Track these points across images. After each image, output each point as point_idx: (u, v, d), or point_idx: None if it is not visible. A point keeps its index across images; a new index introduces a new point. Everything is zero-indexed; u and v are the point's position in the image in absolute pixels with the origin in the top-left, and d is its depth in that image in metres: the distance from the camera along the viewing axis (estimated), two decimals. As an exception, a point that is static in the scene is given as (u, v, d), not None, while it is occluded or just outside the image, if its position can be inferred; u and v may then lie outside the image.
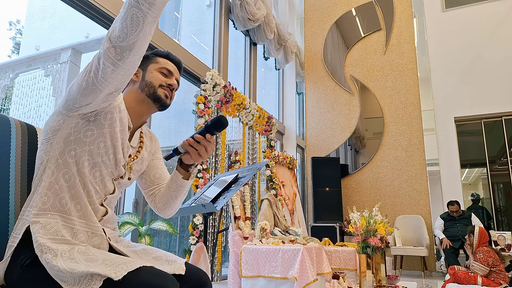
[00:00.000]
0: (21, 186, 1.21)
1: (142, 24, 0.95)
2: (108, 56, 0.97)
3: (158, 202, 1.37)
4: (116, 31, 0.96)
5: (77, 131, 1.13)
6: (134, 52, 0.98)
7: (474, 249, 3.90)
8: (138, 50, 0.99)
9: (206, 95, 3.99)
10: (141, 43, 0.98)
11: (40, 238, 1.03)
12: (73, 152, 1.12)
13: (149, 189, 1.39)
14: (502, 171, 6.05)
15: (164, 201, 1.35)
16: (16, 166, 1.21)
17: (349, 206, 6.20)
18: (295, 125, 7.01)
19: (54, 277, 0.97)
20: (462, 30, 6.45)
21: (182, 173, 1.31)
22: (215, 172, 4.03)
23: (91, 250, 1.07)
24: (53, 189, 1.10)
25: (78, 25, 7.81)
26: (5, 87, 4.65)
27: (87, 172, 1.14)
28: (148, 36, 0.99)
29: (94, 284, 0.94)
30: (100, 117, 1.15)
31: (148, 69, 1.29)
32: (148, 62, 1.30)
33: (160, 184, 1.41)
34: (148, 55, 1.32)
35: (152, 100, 1.27)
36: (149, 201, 1.40)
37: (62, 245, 1.05)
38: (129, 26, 0.94)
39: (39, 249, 1.01)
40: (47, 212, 1.08)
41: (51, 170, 1.11)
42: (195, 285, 1.20)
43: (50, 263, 0.98)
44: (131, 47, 0.97)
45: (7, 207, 1.17)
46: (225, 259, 4.18)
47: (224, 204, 1.62)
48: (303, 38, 7.72)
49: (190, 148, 1.23)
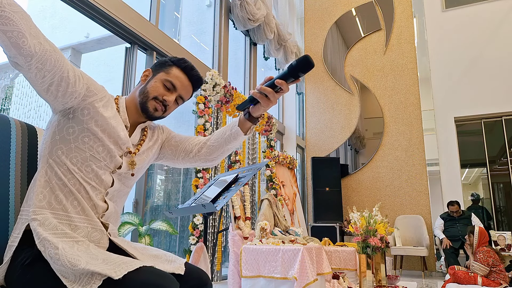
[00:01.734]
0: (21, 186, 1.21)
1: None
2: None
3: (212, 154, 1.35)
4: None
5: (60, 129, 1.14)
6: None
7: (474, 249, 3.90)
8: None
9: (206, 95, 3.99)
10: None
11: (42, 233, 1.03)
12: (60, 151, 1.13)
13: (180, 152, 1.37)
14: (502, 171, 6.05)
15: (219, 152, 1.34)
16: (16, 166, 1.21)
17: (349, 206, 6.20)
18: (295, 125, 7.01)
19: (56, 272, 0.97)
20: (462, 30, 6.45)
21: (246, 128, 1.26)
22: (215, 172, 4.03)
23: (91, 250, 1.07)
24: (48, 188, 1.11)
25: (78, 25, 7.81)
26: (5, 87, 4.65)
27: (77, 169, 1.13)
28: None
29: (94, 283, 0.94)
30: (77, 114, 1.15)
31: (156, 76, 1.27)
32: (161, 70, 1.27)
33: (186, 142, 1.38)
34: (168, 62, 1.29)
35: (140, 109, 1.26)
36: (187, 159, 1.37)
37: (64, 238, 1.06)
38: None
39: (42, 244, 1.01)
40: (44, 209, 1.08)
41: (44, 170, 1.12)
42: (195, 285, 1.20)
43: (53, 256, 0.98)
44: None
45: (7, 206, 1.17)
46: (225, 259, 4.18)
47: (224, 204, 1.62)
48: (303, 38, 7.72)
49: (262, 96, 1.15)
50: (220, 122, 4.31)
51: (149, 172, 4.82)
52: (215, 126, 4.21)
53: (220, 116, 4.34)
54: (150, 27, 3.57)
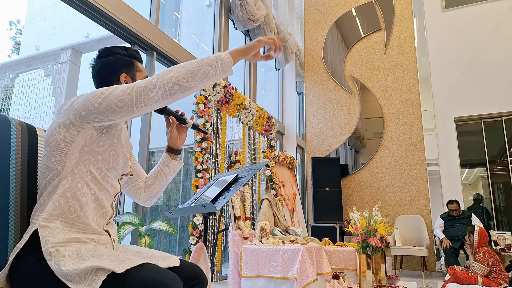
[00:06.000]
0: (21, 186, 1.21)
1: (208, 79, 1.13)
2: (165, 88, 1.09)
3: (149, 193, 1.48)
4: (182, 73, 1.10)
5: (91, 142, 1.19)
6: (186, 93, 1.12)
7: (474, 249, 3.90)
8: (189, 92, 1.13)
9: (206, 95, 3.99)
10: (196, 88, 1.13)
11: (49, 242, 1.05)
12: (87, 161, 1.18)
13: (134, 184, 1.48)
14: (502, 171, 6.05)
15: (157, 190, 1.48)
16: (16, 166, 1.21)
17: (349, 206, 6.20)
18: (295, 125, 7.01)
19: (60, 278, 0.99)
20: (462, 30, 6.45)
21: (174, 158, 1.48)
22: (215, 172, 4.03)
23: (99, 248, 1.10)
24: (65, 197, 1.13)
25: (78, 25, 7.80)
26: (5, 87, 4.65)
27: (100, 178, 1.21)
28: (205, 85, 1.15)
29: (98, 279, 0.97)
30: (111, 129, 1.23)
31: (135, 77, 1.36)
32: (134, 70, 1.36)
33: (141, 178, 1.50)
34: (131, 60, 1.37)
35: None
36: (134, 194, 1.48)
37: (72, 244, 1.08)
38: (199, 75, 1.11)
39: (48, 253, 1.03)
40: (56, 217, 1.11)
41: (66, 179, 1.15)
42: (189, 277, 1.25)
43: (59, 267, 1.00)
44: (188, 88, 1.11)
45: (7, 206, 1.17)
46: (225, 259, 4.18)
47: (224, 204, 1.62)
48: (303, 38, 7.72)
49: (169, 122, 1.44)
50: (220, 122, 4.31)
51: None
52: (215, 126, 4.21)
53: (220, 116, 4.34)
54: (150, 27, 3.57)
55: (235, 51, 1.20)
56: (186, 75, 1.10)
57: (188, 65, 1.12)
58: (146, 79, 1.13)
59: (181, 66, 1.12)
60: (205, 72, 1.11)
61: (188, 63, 1.13)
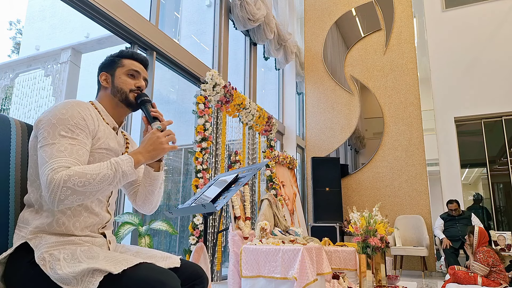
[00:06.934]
0: (21, 186, 1.21)
1: (107, 186, 1.07)
2: (56, 192, 1.00)
3: (138, 200, 1.39)
4: (78, 176, 1.01)
5: None
6: (81, 200, 1.04)
7: (474, 249, 3.90)
8: (84, 200, 1.05)
9: (206, 95, 3.99)
10: (91, 197, 1.06)
11: (42, 247, 1.05)
12: None
13: (131, 188, 1.42)
14: (502, 171, 6.05)
15: (142, 198, 1.36)
16: (16, 166, 1.21)
17: (349, 206, 6.20)
18: (295, 125, 7.00)
19: (57, 282, 0.99)
20: (462, 30, 6.45)
21: (154, 166, 1.34)
22: (215, 172, 4.03)
23: (94, 249, 1.09)
24: (51, 211, 1.12)
25: (78, 25, 7.80)
26: (5, 87, 4.65)
27: None
28: (102, 194, 1.09)
29: (95, 280, 0.96)
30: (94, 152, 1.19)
31: (116, 74, 1.32)
32: (115, 66, 1.32)
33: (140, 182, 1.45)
34: (114, 58, 1.34)
35: (125, 105, 1.31)
36: (131, 200, 1.44)
37: (66, 246, 1.08)
38: (96, 180, 1.03)
39: (41, 258, 1.03)
40: (43, 232, 1.10)
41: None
42: (191, 276, 1.23)
43: (55, 271, 1.00)
44: (83, 195, 1.04)
45: (7, 206, 1.17)
46: (225, 259, 4.18)
47: (224, 204, 1.62)
48: (303, 38, 7.72)
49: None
50: (220, 122, 4.31)
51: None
52: (215, 126, 4.20)
53: (220, 116, 4.34)
54: (150, 27, 3.57)
55: (139, 155, 1.17)
56: (84, 179, 1.02)
57: (87, 169, 1.05)
58: (54, 168, 1.03)
59: (81, 168, 1.05)
60: (104, 177, 1.05)
61: (89, 166, 1.07)
